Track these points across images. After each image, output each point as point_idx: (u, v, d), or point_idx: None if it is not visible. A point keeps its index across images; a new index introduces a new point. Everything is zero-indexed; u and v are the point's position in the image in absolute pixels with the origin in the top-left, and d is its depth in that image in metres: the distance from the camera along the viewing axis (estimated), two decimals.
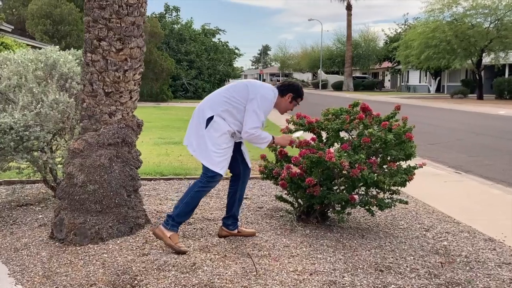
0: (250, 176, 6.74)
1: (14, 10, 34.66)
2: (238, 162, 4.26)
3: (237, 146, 4.20)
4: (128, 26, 4.14)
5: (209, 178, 4.02)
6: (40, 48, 5.68)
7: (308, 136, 4.74)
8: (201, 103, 4.10)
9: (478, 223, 4.99)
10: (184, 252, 3.85)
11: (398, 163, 4.52)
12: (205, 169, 4.01)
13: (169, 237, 3.90)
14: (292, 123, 4.83)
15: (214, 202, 5.51)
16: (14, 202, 5.55)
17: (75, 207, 4.06)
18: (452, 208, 5.59)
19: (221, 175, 4.03)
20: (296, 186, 4.52)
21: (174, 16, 37.36)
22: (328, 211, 4.77)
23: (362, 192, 4.59)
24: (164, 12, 37.13)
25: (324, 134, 4.79)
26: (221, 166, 4.00)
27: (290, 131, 4.82)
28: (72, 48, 5.92)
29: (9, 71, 5.10)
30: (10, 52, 5.45)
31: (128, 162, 4.26)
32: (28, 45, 14.87)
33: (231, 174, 4.35)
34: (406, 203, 4.65)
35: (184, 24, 36.87)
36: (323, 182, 4.47)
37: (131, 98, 4.30)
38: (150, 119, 16.08)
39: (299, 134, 4.56)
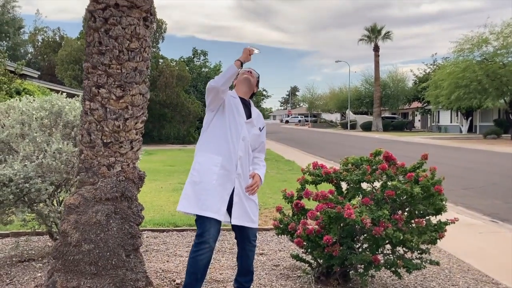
0: (269, 227, 6.36)
1: (45, 56, 35.63)
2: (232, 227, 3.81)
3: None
4: (129, 72, 3.86)
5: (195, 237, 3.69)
6: (66, 93, 5.48)
7: (324, 186, 4.32)
8: None
9: None
10: None
11: (427, 217, 4.06)
12: None
13: None
14: (308, 173, 4.43)
15: (226, 259, 5.08)
16: (16, 257, 5.24)
17: (69, 269, 3.70)
18: (489, 265, 5.03)
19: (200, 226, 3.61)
20: (313, 245, 4.08)
21: (202, 60, 37.82)
22: (350, 272, 4.30)
23: (388, 251, 4.12)
24: (192, 56, 37.63)
25: (344, 185, 4.38)
26: (180, 203, 3.73)
27: (306, 182, 4.42)
28: None
29: (12, 120, 4.89)
30: (16, 99, 5.25)
31: (128, 218, 3.90)
32: (52, 90, 14.96)
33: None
34: (438, 264, 4.15)
35: (213, 67, 37.24)
36: (343, 240, 4.02)
37: (132, 148, 3.97)
38: (174, 163, 15.88)
39: (257, 51, 3.92)
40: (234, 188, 3.66)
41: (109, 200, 3.81)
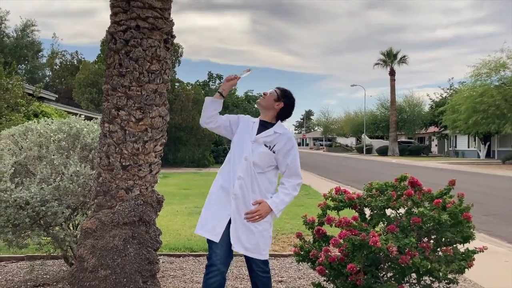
0: (288, 253, 6.21)
1: (63, 79, 36.12)
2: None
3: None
4: (149, 94, 3.82)
5: None
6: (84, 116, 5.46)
7: (345, 213, 4.19)
8: None
9: None
10: None
11: (454, 246, 3.90)
12: None
13: None
14: (330, 198, 4.30)
15: (244, 286, 4.93)
16: (31, 281, 5.16)
17: None
18: None
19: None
20: (336, 273, 3.92)
21: (218, 84, 38.08)
22: None
23: (413, 281, 3.96)
24: (208, 80, 37.93)
25: (367, 211, 4.24)
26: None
27: (328, 207, 4.29)
28: None
29: (30, 142, 4.85)
30: (34, 121, 5.22)
31: (145, 243, 3.81)
32: (69, 112, 15.08)
33: None
34: None
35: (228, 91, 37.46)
36: (367, 268, 3.87)
37: (151, 171, 3.90)
38: (189, 186, 15.81)
39: (246, 74, 3.87)
40: (231, 209, 3.55)
41: (127, 225, 3.73)
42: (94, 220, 3.72)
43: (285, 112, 3.84)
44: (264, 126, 3.79)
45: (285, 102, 3.82)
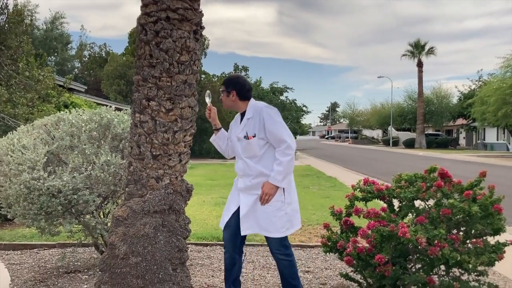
0: (315, 244, 6.23)
1: (91, 71, 36.55)
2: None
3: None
4: (179, 85, 3.85)
5: None
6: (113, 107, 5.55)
7: (372, 204, 4.18)
8: None
9: None
10: None
11: (484, 238, 3.86)
12: None
13: None
14: (358, 189, 4.29)
15: (272, 276, 4.97)
16: (62, 268, 5.29)
17: (116, 282, 3.67)
18: None
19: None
20: (364, 264, 3.93)
21: (244, 76, 38.10)
22: None
23: (442, 272, 3.93)
24: (234, 72, 37.94)
25: (396, 203, 4.22)
26: None
27: (356, 198, 4.28)
28: None
29: (62, 132, 4.95)
30: (66, 112, 5.33)
31: (175, 231, 3.86)
32: (98, 104, 15.30)
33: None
34: (496, 287, 3.92)
35: (253, 83, 37.41)
36: (395, 259, 3.86)
37: (180, 161, 3.94)
38: (215, 177, 15.92)
39: (208, 99, 4.24)
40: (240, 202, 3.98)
41: (157, 213, 3.78)
42: (125, 208, 3.78)
43: (243, 93, 4.11)
44: (242, 118, 4.10)
45: (235, 88, 4.11)
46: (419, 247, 3.60)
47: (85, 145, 4.85)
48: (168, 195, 3.84)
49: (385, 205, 4.19)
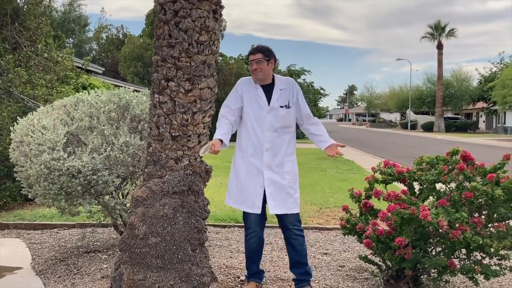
0: (332, 227, 6.21)
1: (109, 53, 36.62)
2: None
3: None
4: (198, 65, 3.82)
5: None
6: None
7: (391, 187, 4.13)
8: None
9: None
10: None
11: (507, 221, 3.79)
12: None
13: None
14: (378, 172, 4.24)
15: None
16: (82, 248, 5.35)
17: (135, 261, 3.70)
18: None
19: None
20: (383, 246, 3.89)
21: None
22: (422, 276, 4.09)
23: (463, 256, 3.88)
24: None
25: (416, 186, 4.16)
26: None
27: (377, 181, 4.24)
28: None
29: (81, 112, 4.96)
30: (85, 92, 5.33)
31: (194, 212, 3.87)
32: (115, 85, 15.35)
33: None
34: None
35: None
36: (415, 242, 3.82)
37: (199, 142, 3.93)
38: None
39: (203, 150, 3.74)
40: (264, 180, 3.89)
41: (176, 194, 3.79)
42: (144, 189, 3.79)
43: (276, 63, 4.16)
44: (267, 90, 4.00)
45: (273, 56, 4.02)
46: (440, 230, 3.55)
47: (104, 126, 4.86)
48: (187, 176, 3.84)
49: (405, 188, 4.13)
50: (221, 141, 3.76)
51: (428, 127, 52.95)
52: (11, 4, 8.72)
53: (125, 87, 5.66)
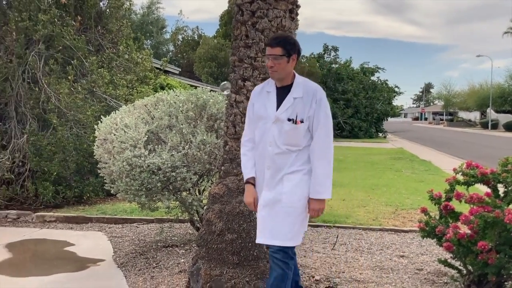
0: (409, 229, 6.05)
1: (184, 54, 37.59)
2: None
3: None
4: None
5: None
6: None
7: (473, 189, 3.96)
8: None
9: None
10: None
11: None
12: None
13: None
14: (461, 173, 4.09)
15: (365, 259, 4.89)
16: (160, 243, 5.54)
17: (212, 257, 3.79)
18: None
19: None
20: (465, 250, 3.75)
21: (333, 56, 37.37)
22: (506, 282, 3.90)
23: None
24: (323, 52, 37.36)
25: (501, 188, 3.98)
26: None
27: (458, 182, 4.08)
28: None
29: (161, 112, 5.14)
30: (164, 92, 5.52)
31: None
32: (191, 86, 15.74)
33: None
34: None
35: (343, 63, 36.67)
36: (500, 247, 3.65)
37: None
38: None
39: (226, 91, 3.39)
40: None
41: None
42: (221, 186, 3.88)
43: (299, 60, 3.22)
44: (282, 94, 3.16)
45: (296, 51, 3.13)
46: None
47: (182, 124, 5.01)
48: None
49: (488, 190, 3.96)
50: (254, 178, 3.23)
51: (511, 127, 50.26)
52: (95, 8, 9.16)
53: (202, 87, 5.81)
